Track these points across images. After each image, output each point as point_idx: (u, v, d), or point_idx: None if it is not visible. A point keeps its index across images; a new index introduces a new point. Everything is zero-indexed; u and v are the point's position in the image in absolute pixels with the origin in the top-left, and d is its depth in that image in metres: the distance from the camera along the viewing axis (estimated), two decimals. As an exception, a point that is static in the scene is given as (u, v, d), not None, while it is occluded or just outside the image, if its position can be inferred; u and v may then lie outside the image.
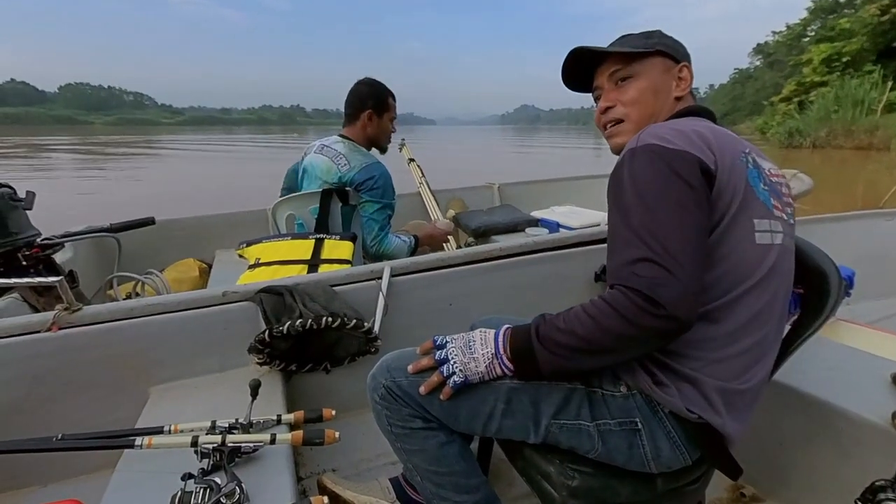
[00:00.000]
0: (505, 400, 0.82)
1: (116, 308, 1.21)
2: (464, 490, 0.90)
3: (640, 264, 0.66)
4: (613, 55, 0.92)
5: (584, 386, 0.81)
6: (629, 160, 0.74)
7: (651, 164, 0.72)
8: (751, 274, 0.74)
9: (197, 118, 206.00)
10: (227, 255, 2.40)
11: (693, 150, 0.72)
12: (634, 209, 0.70)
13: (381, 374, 0.90)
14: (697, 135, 0.74)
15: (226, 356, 1.29)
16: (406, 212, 2.69)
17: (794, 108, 21.80)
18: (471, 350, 0.81)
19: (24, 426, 1.14)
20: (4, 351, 1.11)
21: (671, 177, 0.70)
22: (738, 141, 0.80)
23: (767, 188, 0.78)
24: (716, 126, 0.82)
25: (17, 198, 1.47)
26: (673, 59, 0.91)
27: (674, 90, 0.90)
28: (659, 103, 0.90)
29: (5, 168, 13.91)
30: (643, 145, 0.74)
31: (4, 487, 1.18)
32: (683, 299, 0.64)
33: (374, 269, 1.43)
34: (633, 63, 0.91)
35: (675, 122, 0.81)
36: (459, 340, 0.83)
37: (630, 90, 0.91)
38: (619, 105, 0.92)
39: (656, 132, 0.75)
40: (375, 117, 1.88)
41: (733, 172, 0.74)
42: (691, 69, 0.92)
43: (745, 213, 0.74)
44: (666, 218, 0.68)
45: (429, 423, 0.88)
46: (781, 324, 0.81)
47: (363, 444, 1.35)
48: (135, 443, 0.87)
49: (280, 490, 0.86)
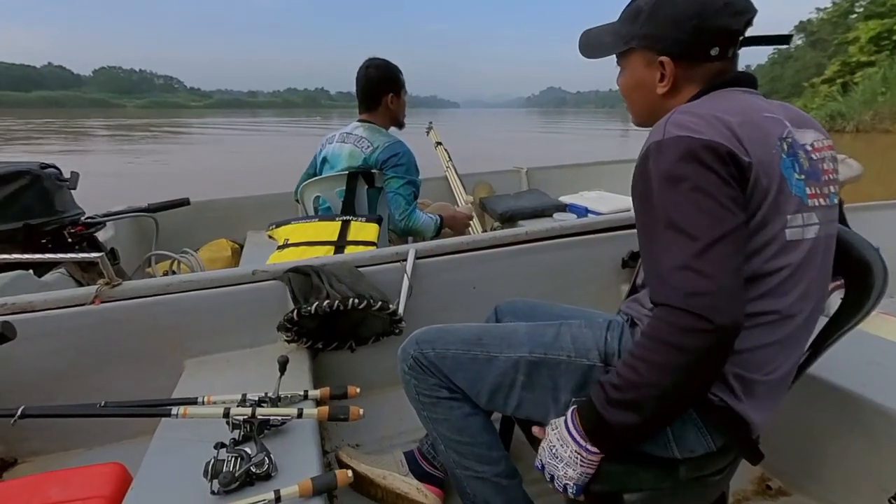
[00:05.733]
0: (525, 373, 0.85)
1: (154, 284, 1.26)
2: (486, 461, 0.92)
3: (675, 274, 0.63)
4: None
5: (603, 364, 0.82)
6: (655, 154, 0.69)
7: (680, 158, 0.66)
8: (777, 272, 0.70)
9: (224, 101, 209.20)
10: (257, 235, 2.46)
11: (723, 139, 0.66)
12: (662, 209, 0.67)
13: (411, 346, 0.94)
14: (724, 124, 0.68)
15: (256, 332, 1.33)
16: (433, 195, 2.69)
17: (836, 89, 20.62)
18: (557, 457, 0.75)
19: (70, 393, 1.21)
20: (52, 322, 1.17)
21: (702, 172, 0.65)
22: (774, 123, 0.73)
23: (804, 176, 0.72)
24: (752, 104, 0.74)
25: (62, 178, 1.54)
26: (654, 51, 0.81)
27: (657, 87, 0.82)
28: (645, 100, 0.85)
29: (50, 149, 14.48)
30: (670, 138, 0.68)
31: (55, 449, 1.26)
32: (726, 305, 0.61)
33: (399, 251, 1.44)
34: (620, 52, 0.86)
35: (704, 104, 0.74)
36: (546, 451, 0.77)
37: (621, 81, 0.88)
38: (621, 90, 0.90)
39: (682, 121, 0.69)
40: (395, 98, 1.88)
41: (765, 165, 0.68)
42: (676, 60, 0.79)
43: (777, 209, 0.69)
44: (698, 218, 0.64)
45: (454, 394, 0.91)
46: (813, 319, 0.77)
47: (386, 421, 1.39)
48: (171, 412, 0.91)
49: (307, 462, 0.89)
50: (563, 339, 0.87)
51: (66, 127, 27.71)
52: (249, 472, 0.82)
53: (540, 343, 0.88)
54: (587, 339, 0.86)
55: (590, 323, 0.90)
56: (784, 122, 0.74)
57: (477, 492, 0.93)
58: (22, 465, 1.24)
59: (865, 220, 1.93)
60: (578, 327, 0.89)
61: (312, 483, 0.80)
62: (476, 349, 0.90)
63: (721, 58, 0.78)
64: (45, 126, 26.66)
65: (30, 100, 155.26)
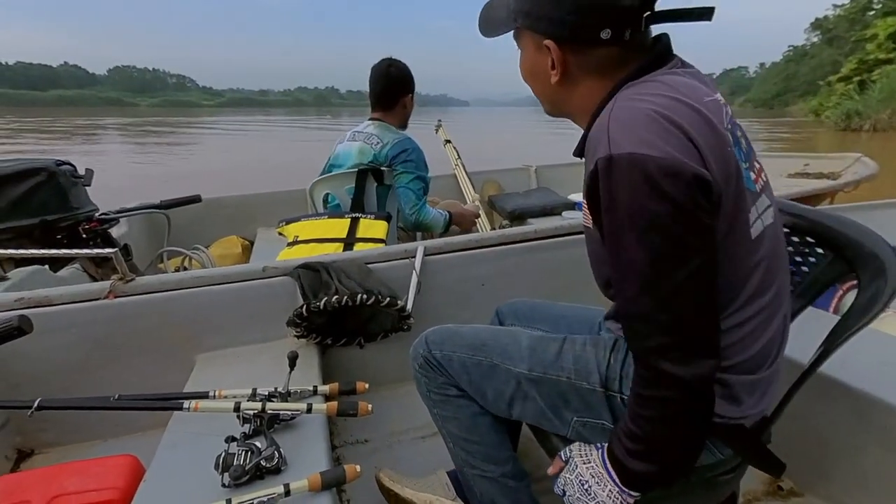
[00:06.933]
0: (525, 388, 0.83)
1: (167, 279, 1.28)
2: (493, 461, 0.92)
3: (641, 326, 0.62)
4: None
5: (604, 390, 0.79)
6: (606, 173, 0.59)
7: (637, 188, 0.57)
8: (750, 276, 0.66)
9: (235, 100, 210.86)
10: (267, 232, 2.48)
11: (684, 155, 0.57)
12: (633, 247, 0.59)
13: (421, 345, 0.94)
14: (678, 128, 0.59)
15: (266, 328, 1.35)
16: (442, 193, 2.69)
17: (853, 88, 20.28)
18: (589, 494, 0.72)
19: (84, 386, 1.24)
20: (68, 316, 1.20)
21: (664, 208, 0.56)
22: (716, 107, 0.64)
23: (747, 163, 0.66)
24: (690, 88, 0.64)
25: (77, 175, 1.57)
26: (538, 32, 0.70)
27: (550, 75, 0.71)
28: (543, 89, 0.76)
29: (65, 147, 14.72)
30: (622, 156, 0.58)
31: (70, 440, 1.29)
32: (697, 352, 0.60)
33: (408, 248, 1.45)
34: (515, 32, 0.75)
35: (643, 96, 0.63)
36: (576, 485, 0.73)
37: (520, 66, 0.78)
38: None
39: (628, 125, 0.59)
40: (411, 100, 1.91)
41: (724, 174, 0.60)
42: (561, 45, 0.68)
43: (740, 213, 0.64)
44: (660, 264, 0.58)
45: (462, 392, 0.91)
46: (788, 306, 0.74)
47: (395, 417, 1.39)
48: (183, 405, 0.92)
49: (316, 457, 0.90)
50: (565, 359, 0.83)
51: (86, 123, 28.13)
52: (259, 465, 0.83)
53: (539, 361, 0.84)
54: (589, 361, 0.81)
55: (595, 341, 0.84)
56: (719, 99, 0.66)
57: (484, 491, 0.93)
58: (38, 455, 1.26)
59: (880, 217, 1.90)
60: (582, 346, 0.84)
61: (321, 477, 0.81)
62: (480, 355, 0.88)
63: (615, 41, 0.66)
64: (52, 126, 27.05)
65: (46, 98, 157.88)
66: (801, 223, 0.89)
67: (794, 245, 0.91)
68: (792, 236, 0.91)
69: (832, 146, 13.75)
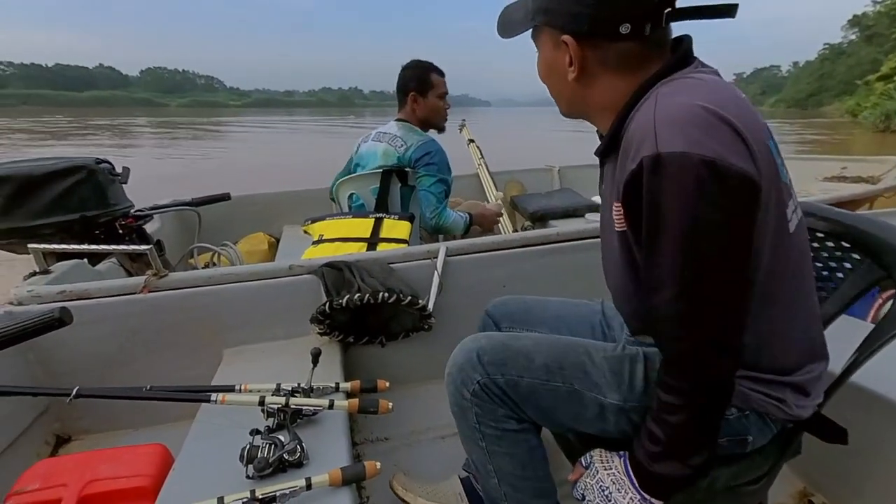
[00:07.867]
0: (614, 419, 0.78)
1: (198, 276, 1.32)
2: (541, 494, 0.85)
3: (685, 338, 0.62)
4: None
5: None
6: (652, 171, 0.57)
7: (691, 191, 0.55)
8: (788, 270, 0.67)
9: (261, 100, 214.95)
10: (293, 230, 2.53)
11: (741, 160, 0.56)
12: (674, 250, 0.58)
13: (473, 367, 0.78)
14: (732, 127, 0.57)
15: (290, 325, 1.38)
16: (465, 192, 2.70)
17: (894, 87, 19.44)
18: (610, 499, 0.71)
19: (118, 376, 1.29)
20: (105, 309, 1.25)
21: (719, 218, 0.56)
22: (750, 107, 0.64)
23: (780, 157, 0.66)
24: (725, 87, 0.64)
25: (115, 173, 1.63)
26: (557, 28, 0.69)
27: (567, 72, 0.70)
28: (561, 88, 0.75)
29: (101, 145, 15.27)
30: (673, 154, 0.56)
31: (104, 428, 1.34)
32: (733, 362, 0.62)
33: (431, 248, 1.46)
34: (534, 32, 0.75)
35: (686, 89, 0.62)
36: (596, 491, 0.73)
37: (537, 65, 0.77)
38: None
39: (682, 128, 0.57)
40: (420, 98, 1.89)
41: (770, 176, 0.61)
42: (579, 40, 0.67)
43: (781, 206, 0.64)
44: (713, 280, 0.58)
45: (522, 425, 0.81)
46: (817, 305, 0.75)
47: (414, 417, 1.40)
48: (211, 398, 0.95)
49: (337, 452, 0.92)
50: (645, 383, 0.77)
51: (118, 123, 29.10)
52: (282, 459, 0.85)
53: (630, 388, 0.77)
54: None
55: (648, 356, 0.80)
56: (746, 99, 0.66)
57: None
58: (75, 441, 1.32)
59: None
60: (643, 361, 0.79)
61: (342, 473, 0.82)
62: (557, 380, 0.77)
63: (635, 36, 0.65)
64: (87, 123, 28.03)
65: (82, 99, 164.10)
66: (837, 228, 0.87)
67: (829, 250, 0.89)
68: (826, 241, 0.89)
69: (870, 148, 13.20)
